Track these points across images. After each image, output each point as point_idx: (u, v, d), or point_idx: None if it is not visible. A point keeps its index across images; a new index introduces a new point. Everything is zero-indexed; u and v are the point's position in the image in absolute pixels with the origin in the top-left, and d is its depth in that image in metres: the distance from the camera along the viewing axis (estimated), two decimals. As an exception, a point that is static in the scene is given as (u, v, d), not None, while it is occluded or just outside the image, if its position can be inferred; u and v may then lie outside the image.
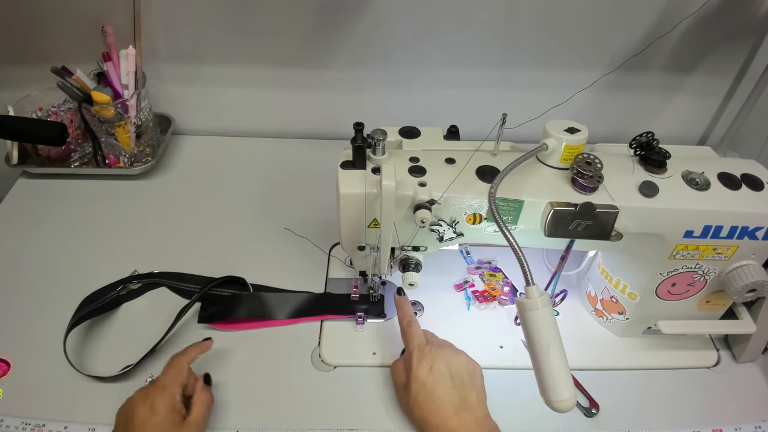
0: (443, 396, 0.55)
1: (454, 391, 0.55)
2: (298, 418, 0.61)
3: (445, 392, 0.55)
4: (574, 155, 0.57)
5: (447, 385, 0.55)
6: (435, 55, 0.91)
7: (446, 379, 0.56)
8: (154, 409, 0.52)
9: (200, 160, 0.96)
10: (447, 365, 0.57)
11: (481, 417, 0.55)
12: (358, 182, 0.57)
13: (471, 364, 0.59)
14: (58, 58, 0.84)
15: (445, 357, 0.57)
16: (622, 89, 0.95)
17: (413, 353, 0.58)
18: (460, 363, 0.58)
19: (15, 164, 0.89)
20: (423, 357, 0.57)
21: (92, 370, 0.64)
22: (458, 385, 0.56)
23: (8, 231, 0.81)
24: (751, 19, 0.87)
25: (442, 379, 0.56)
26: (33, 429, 0.58)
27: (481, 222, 0.59)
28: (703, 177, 0.58)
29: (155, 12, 0.86)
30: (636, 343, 0.69)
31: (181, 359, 0.58)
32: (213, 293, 0.72)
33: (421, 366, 0.57)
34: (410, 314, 0.63)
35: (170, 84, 0.95)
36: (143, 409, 0.52)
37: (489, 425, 0.55)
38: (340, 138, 0.93)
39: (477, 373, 0.58)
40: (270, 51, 0.91)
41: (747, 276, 0.59)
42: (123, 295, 0.72)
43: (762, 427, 0.62)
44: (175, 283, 0.73)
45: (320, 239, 0.80)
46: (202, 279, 0.74)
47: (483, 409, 0.56)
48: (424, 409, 0.55)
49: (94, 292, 0.71)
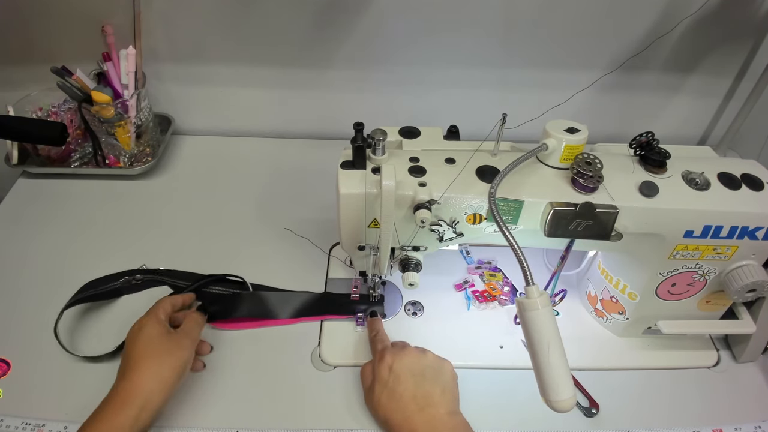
0: (404, 394, 0.55)
1: (417, 388, 0.56)
2: (298, 417, 0.61)
3: (407, 390, 0.56)
4: (574, 155, 0.57)
5: (408, 384, 0.56)
6: (435, 55, 0.91)
7: (407, 377, 0.56)
8: (141, 325, 0.59)
9: (200, 160, 0.96)
10: (409, 364, 0.57)
11: (445, 413, 0.55)
12: (358, 182, 0.57)
13: (437, 361, 0.59)
14: (58, 58, 0.84)
15: (407, 356, 0.58)
16: (622, 89, 0.95)
17: (376, 356, 0.60)
18: (424, 361, 0.58)
19: (15, 164, 0.89)
20: (384, 358, 0.58)
21: (83, 352, 0.65)
22: (420, 382, 0.56)
23: (8, 231, 0.81)
24: (751, 19, 0.87)
25: (404, 377, 0.56)
26: (33, 429, 0.58)
27: (481, 222, 0.59)
28: (703, 177, 0.58)
29: (155, 12, 0.86)
30: (636, 343, 0.69)
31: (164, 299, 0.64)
32: (212, 292, 0.72)
33: (382, 366, 0.58)
34: (378, 328, 0.66)
35: (170, 84, 0.95)
36: (131, 332, 0.59)
37: (454, 421, 0.55)
38: (340, 138, 0.93)
39: (444, 369, 0.59)
40: (270, 51, 0.91)
41: (747, 276, 0.59)
42: (125, 287, 0.73)
43: (762, 427, 0.62)
44: (178, 282, 0.74)
45: (320, 239, 0.80)
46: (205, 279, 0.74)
47: (448, 405, 0.56)
48: (387, 409, 0.55)
49: (96, 279, 0.72)
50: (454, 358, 0.66)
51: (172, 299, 0.65)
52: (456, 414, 0.56)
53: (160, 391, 0.54)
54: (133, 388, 0.53)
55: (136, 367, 0.55)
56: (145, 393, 0.53)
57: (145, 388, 0.53)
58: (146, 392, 0.53)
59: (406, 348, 0.60)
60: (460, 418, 0.55)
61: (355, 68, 0.93)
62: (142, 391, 0.53)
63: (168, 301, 0.64)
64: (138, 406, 0.52)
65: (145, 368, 0.54)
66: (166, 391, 0.55)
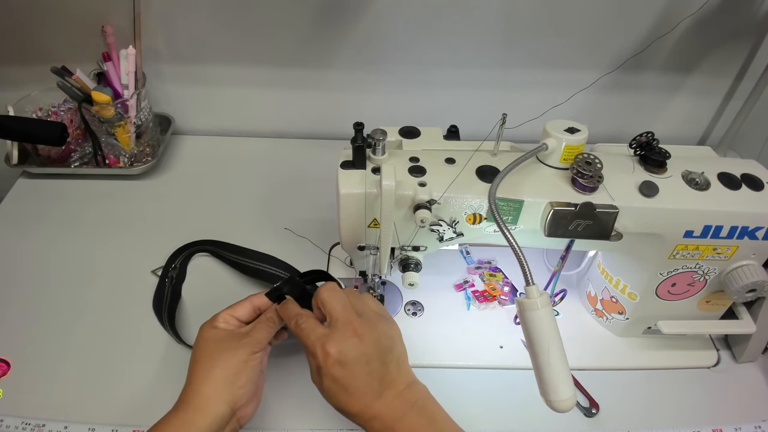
0: (360, 387, 0.49)
1: (371, 376, 0.49)
2: (298, 418, 0.61)
3: (362, 381, 0.49)
4: (574, 155, 0.57)
5: (362, 373, 0.49)
6: (435, 55, 0.91)
7: (360, 367, 0.49)
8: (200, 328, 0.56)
9: (200, 160, 0.96)
10: (357, 351, 0.49)
11: (405, 389, 0.50)
12: (358, 182, 0.57)
13: (385, 329, 0.52)
14: (58, 58, 0.84)
15: (355, 340, 0.49)
16: (622, 89, 0.95)
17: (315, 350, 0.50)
18: (376, 337, 0.50)
19: (15, 164, 0.89)
20: (328, 351, 0.49)
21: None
22: (375, 368, 0.49)
23: (8, 231, 0.81)
24: (751, 19, 0.87)
25: (356, 369, 0.49)
26: (33, 429, 0.58)
27: (481, 222, 0.59)
28: (703, 177, 0.58)
29: (155, 12, 0.86)
30: (636, 343, 0.69)
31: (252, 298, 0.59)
32: None
33: (328, 362, 0.49)
34: (295, 312, 0.54)
35: (170, 84, 0.95)
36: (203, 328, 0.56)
37: (414, 395, 0.50)
38: (340, 138, 0.93)
39: (394, 335, 0.52)
40: (270, 51, 0.91)
41: (747, 276, 0.59)
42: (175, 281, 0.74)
43: (762, 427, 0.62)
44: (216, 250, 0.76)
45: (320, 239, 0.80)
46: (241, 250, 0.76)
47: (406, 377, 0.51)
48: (341, 401, 0.50)
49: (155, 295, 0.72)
50: (454, 358, 0.67)
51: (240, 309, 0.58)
52: (415, 384, 0.51)
53: (215, 394, 0.50)
54: (186, 392, 0.51)
55: (190, 371, 0.53)
56: (198, 397, 0.50)
57: (200, 391, 0.51)
58: (200, 396, 0.50)
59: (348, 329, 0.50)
60: (419, 387, 0.51)
61: (355, 68, 0.93)
62: (195, 394, 0.51)
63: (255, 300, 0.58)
64: (193, 409, 0.50)
65: (198, 371, 0.52)
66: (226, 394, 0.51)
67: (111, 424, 0.59)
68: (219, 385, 0.51)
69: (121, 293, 0.73)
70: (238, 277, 0.76)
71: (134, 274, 0.75)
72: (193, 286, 0.75)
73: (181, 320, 0.71)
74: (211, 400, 0.50)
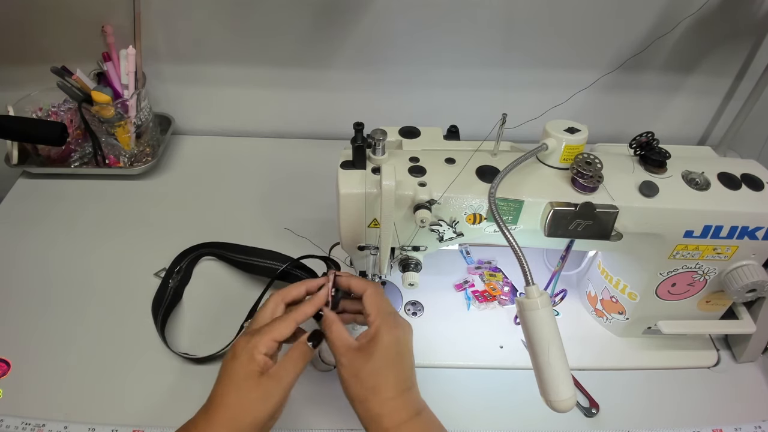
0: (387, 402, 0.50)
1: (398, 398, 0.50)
2: (298, 418, 0.61)
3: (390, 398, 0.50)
4: (574, 155, 0.57)
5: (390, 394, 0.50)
6: (435, 55, 0.91)
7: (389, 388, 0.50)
8: (235, 355, 0.50)
9: (200, 160, 0.96)
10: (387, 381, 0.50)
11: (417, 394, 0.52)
12: (358, 182, 0.57)
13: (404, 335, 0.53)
14: (58, 58, 0.84)
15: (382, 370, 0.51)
16: (622, 89, 0.95)
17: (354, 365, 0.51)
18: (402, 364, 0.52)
19: (15, 164, 0.89)
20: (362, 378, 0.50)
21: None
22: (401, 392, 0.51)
23: (8, 231, 0.81)
24: (751, 19, 0.87)
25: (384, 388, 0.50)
26: (33, 429, 0.58)
27: (481, 222, 0.59)
28: (703, 177, 0.58)
29: (155, 12, 0.86)
30: (636, 343, 0.69)
31: (275, 297, 0.54)
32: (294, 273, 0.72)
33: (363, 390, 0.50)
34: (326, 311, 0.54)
35: (170, 84, 0.95)
36: (227, 356, 0.50)
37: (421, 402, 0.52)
38: (340, 138, 0.93)
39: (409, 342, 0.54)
40: (270, 51, 0.91)
41: (747, 276, 0.59)
42: (179, 284, 0.74)
43: (762, 427, 0.62)
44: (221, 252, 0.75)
45: (320, 239, 0.80)
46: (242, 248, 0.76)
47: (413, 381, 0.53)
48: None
49: (155, 296, 0.71)
50: (454, 358, 0.67)
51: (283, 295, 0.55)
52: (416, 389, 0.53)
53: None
54: (205, 427, 0.47)
55: (212, 405, 0.49)
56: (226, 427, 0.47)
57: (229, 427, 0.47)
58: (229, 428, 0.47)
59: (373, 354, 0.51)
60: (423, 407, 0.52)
61: (355, 68, 0.93)
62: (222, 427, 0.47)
63: (278, 299, 0.55)
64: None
65: (223, 410, 0.48)
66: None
67: (111, 424, 0.59)
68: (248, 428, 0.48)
69: (121, 293, 0.73)
70: (242, 281, 0.76)
71: (134, 274, 0.75)
72: (195, 289, 0.74)
73: (177, 324, 0.70)
74: None
